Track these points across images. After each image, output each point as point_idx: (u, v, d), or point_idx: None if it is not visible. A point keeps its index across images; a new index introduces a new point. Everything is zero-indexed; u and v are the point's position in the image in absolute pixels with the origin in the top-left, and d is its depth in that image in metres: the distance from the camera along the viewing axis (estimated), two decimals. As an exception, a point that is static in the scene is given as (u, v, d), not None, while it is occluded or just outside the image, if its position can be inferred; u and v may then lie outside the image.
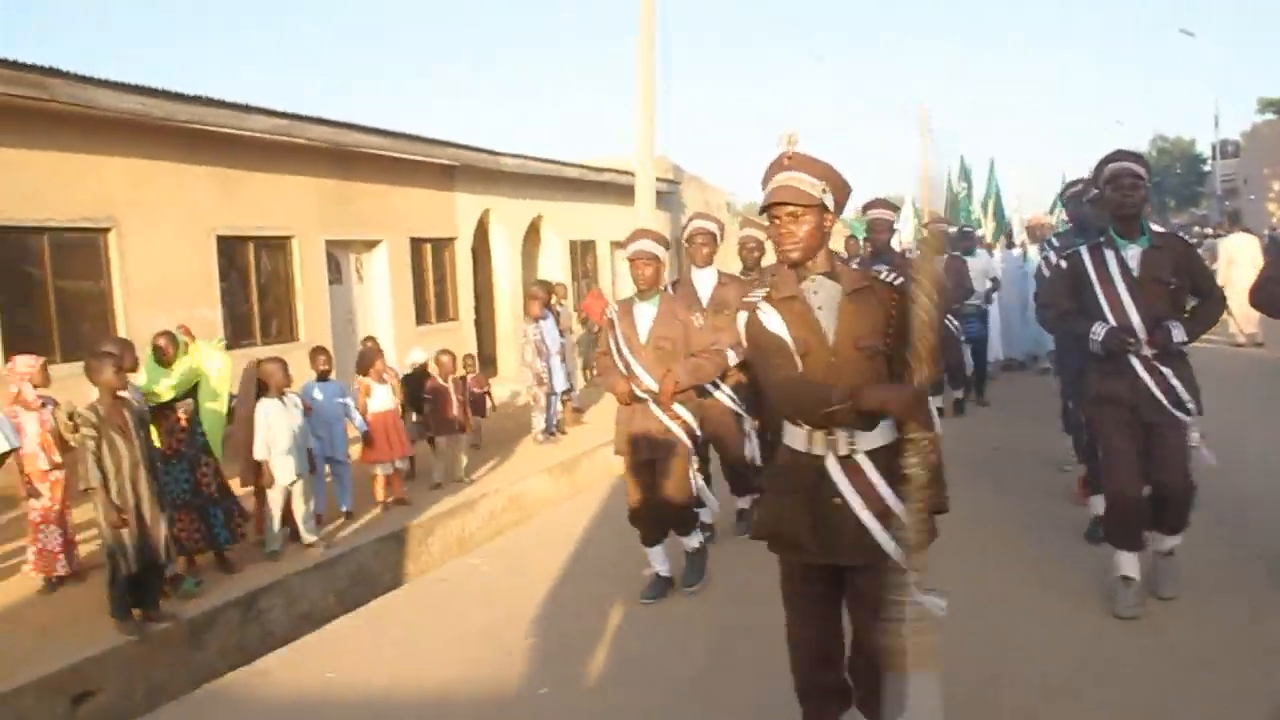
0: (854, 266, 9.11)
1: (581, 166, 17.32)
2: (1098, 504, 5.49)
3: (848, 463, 2.87)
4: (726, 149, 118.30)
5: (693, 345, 5.16)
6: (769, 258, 6.61)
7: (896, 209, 6.90)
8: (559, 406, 10.96)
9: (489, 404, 10.45)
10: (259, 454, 6.51)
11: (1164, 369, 4.48)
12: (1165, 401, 4.45)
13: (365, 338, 9.60)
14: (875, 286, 2.94)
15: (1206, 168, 54.17)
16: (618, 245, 20.27)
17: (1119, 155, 4.70)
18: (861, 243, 14.29)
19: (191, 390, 6.39)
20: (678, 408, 5.11)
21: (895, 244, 8.09)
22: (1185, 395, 4.47)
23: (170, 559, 5.67)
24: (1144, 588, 4.56)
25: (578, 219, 17.78)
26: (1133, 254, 4.56)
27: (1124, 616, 4.45)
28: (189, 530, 6.21)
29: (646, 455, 5.12)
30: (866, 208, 6.89)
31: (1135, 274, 4.53)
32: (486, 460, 9.59)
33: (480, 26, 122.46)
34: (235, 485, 6.74)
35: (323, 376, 7.73)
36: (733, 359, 5.36)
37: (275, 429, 6.52)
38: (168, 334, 6.59)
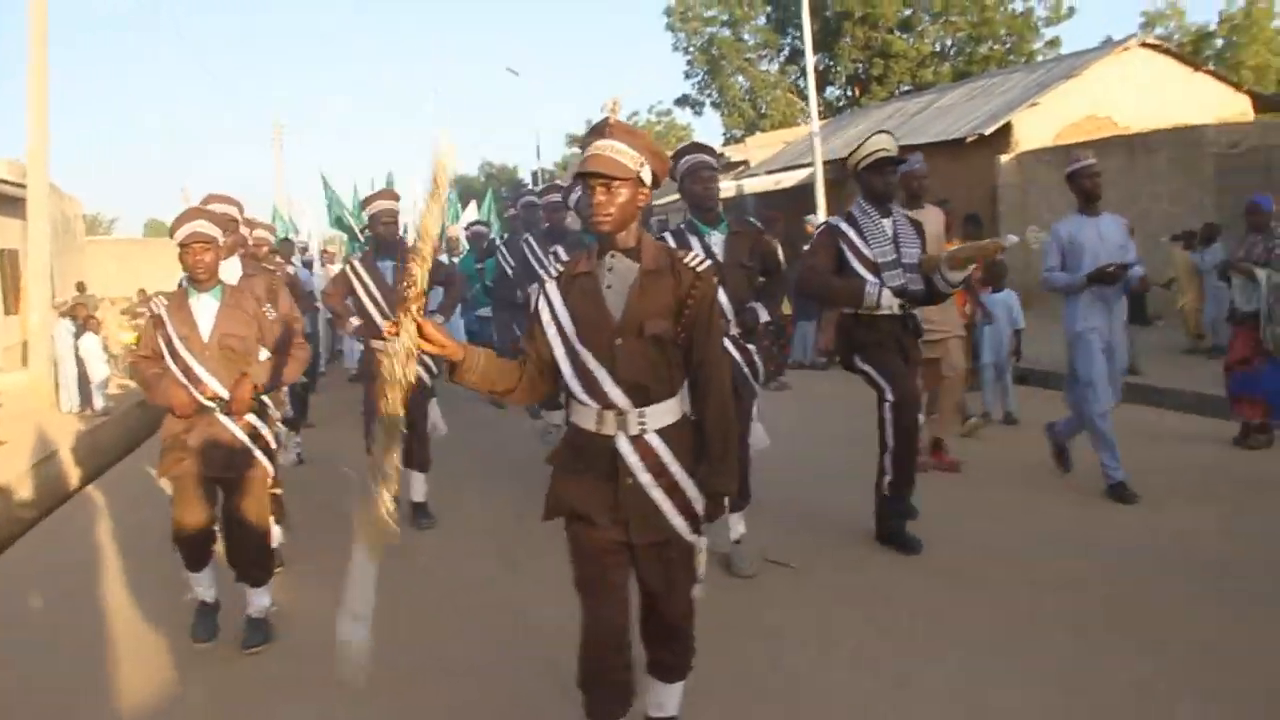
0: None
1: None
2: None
3: (638, 442, 2.82)
4: (80, 155, 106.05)
5: (268, 341, 4.63)
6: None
7: (399, 198, 6.54)
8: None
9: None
10: None
11: (749, 346, 4.88)
12: (748, 373, 4.88)
13: None
14: (677, 268, 2.84)
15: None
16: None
17: (694, 148, 4.98)
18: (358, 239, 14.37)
19: None
20: (250, 418, 4.48)
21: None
22: (761, 371, 4.99)
23: None
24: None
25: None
26: (716, 240, 4.83)
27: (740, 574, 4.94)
28: None
29: (215, 472, 4.40)
30: (366, 201, 6.52)
31: (721, 259, 4.75)
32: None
33: None
34: None
35: None
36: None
37: None
38: None
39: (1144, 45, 18.58)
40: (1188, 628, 4.18)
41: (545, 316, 2.88)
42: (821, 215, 16.52)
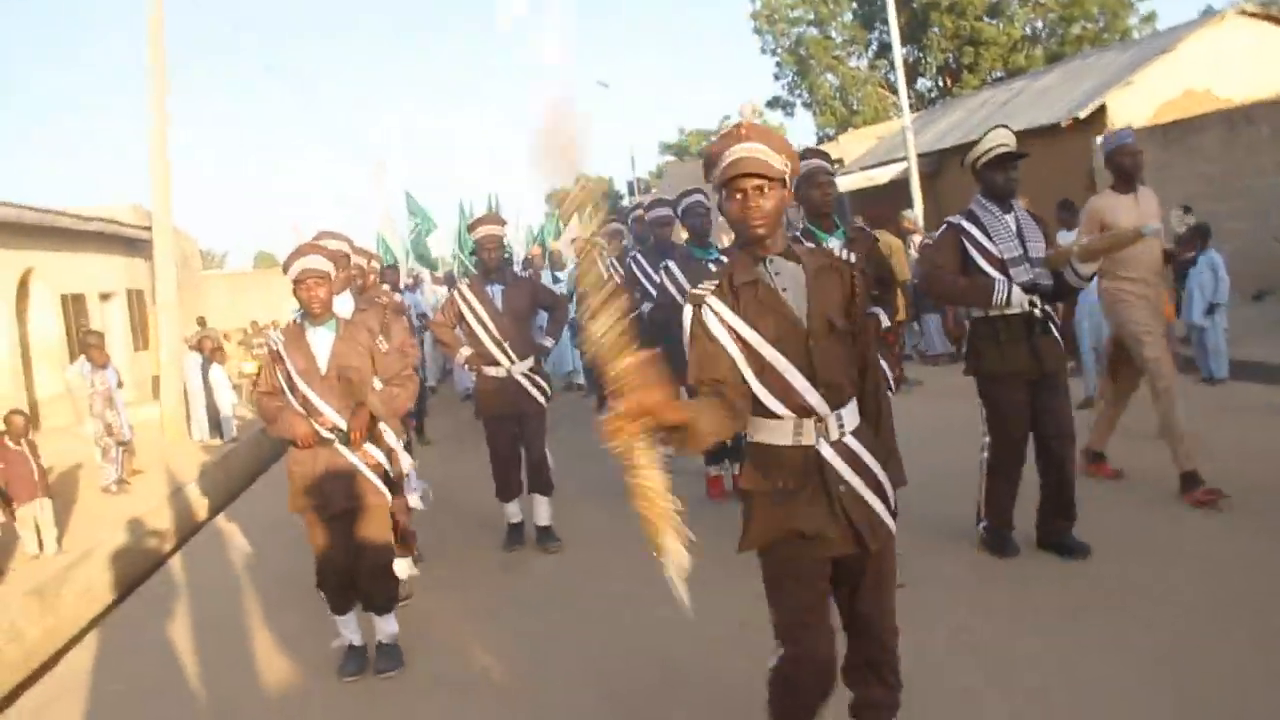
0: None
1: (75, 216, 16.43)
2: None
3: (839, 446, 2.75)
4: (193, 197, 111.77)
5: (381, 373, 4.74)
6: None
7: (504, 223, 6.79)
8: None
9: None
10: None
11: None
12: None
13: None
14: (835, 264, 2.88)
15: (625, 202, 61.41)
16: (106, 297, 19.27)
17: (810, 153, 4.92)
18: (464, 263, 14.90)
19: None
20: (369, 448, 4.63)
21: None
22: (890, 377, 4.85)
23: None
24: None
25: (70, 271, 16.77)
26: (833, 246, 4.66)
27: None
28: None
29: (339, 507, 4.54)
30: (473, 225, 6.54)
31: None
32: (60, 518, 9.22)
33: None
34: None
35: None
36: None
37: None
38: None
39: (1243, 13, 17.98)
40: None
41: (720, 334, 2.72)
42: (919, 209, 16.46)
